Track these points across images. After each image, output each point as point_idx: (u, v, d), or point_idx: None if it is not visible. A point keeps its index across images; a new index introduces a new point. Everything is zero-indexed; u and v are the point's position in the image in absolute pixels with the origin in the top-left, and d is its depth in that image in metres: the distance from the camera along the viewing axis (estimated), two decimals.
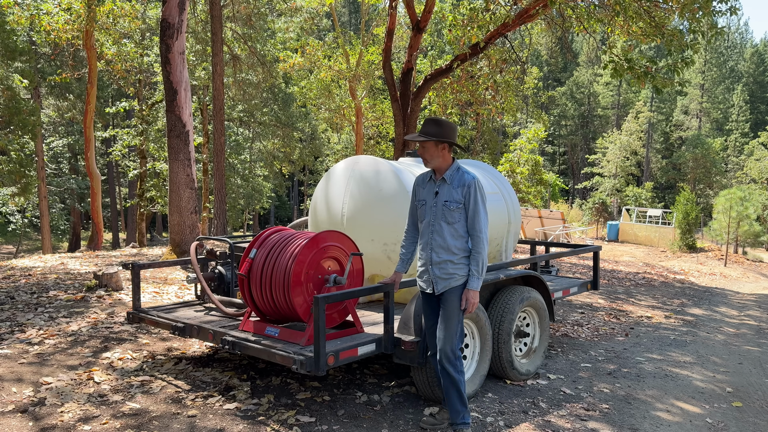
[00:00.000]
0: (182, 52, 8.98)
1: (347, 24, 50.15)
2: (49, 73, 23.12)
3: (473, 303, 3.61)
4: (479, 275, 3.61)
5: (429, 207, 3.71)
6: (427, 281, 3.72)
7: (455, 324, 3.63)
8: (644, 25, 9.12)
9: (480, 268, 3.61)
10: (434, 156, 3.71)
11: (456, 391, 3.64)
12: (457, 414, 3.65)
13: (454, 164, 3.76)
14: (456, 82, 13.36)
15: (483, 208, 3.64)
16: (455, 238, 3.63)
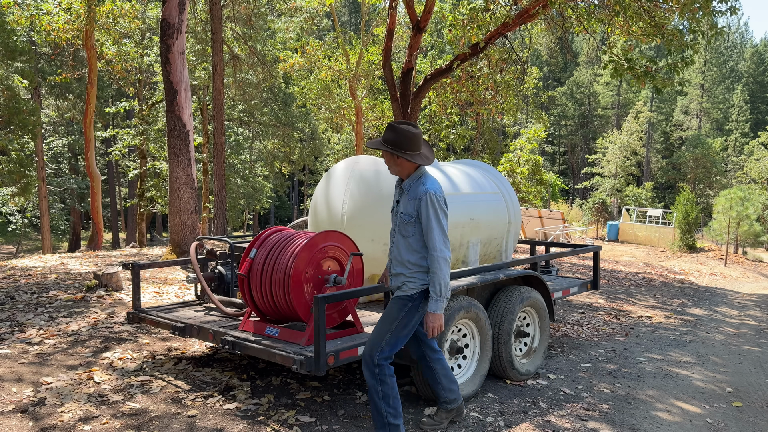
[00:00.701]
0: (182, 52, 8.98)
1: (347, 24, 50.16)
2: (49, 73, 23.13)
3: (432, 327, 3.38)
4: (438, 297, 3.35)
5: (393, 215, 3.59)
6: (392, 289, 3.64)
7: (384, 332, 3.41)
8: (644, 25, 9.12)
9: (438, 290, 3.34)
10: (390, 164, 3.54)
11: (376, 401, 3.39)
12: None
13: (416, 172, 3.51)
14: (456, 82, 13.36)
15: (438, 223, 3.36)
16: (409, 252, 3.44)
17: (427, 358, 3.76)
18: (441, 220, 3.38)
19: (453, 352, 4.31)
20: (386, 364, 3.42)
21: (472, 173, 5.89)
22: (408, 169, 3.52)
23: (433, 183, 3.47)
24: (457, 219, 5.23)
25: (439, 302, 3.36)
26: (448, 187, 5.37)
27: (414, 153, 3.47)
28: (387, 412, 3.39)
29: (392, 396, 3.40)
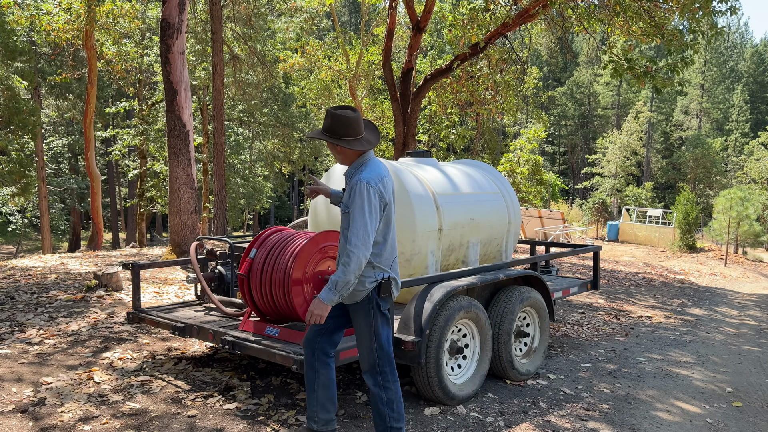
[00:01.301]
0: (182, 52, 8.98)
1: (347, 24, 50.16)
2: (49, 73, 23.13)
3: (313, 314, 3.14)
4: (332, 288, 3.09)
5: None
6: None
7: (367, 339, 3.26)
8: (644, 25, 9.12)
9: (335, 284, 3.09)
10: (333, 153, 3.32)
11: (380, 407, 3.30)
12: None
13: (359, 160, 3.27)
14: (456, 82, 13.36)
15: (361, 216, 3.08)
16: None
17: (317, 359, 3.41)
18: (366, 213, 3.09)
19: (453, 352, 4.31)
20: (389, 369, 3.30)
21: (472, 173, 5.89)
22: (350, 156, 3.29)
23: (371, 171, 3.19)
24: (457, 219, 5.23)
25: (330, 294, 3.11)
26: (448, 187, 5.38)
27: (352, 138, 3.24)
28: (390, 416, 3.31)
29: (396, 401, 3.31)
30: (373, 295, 3.24)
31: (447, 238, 5.14)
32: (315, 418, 3.40)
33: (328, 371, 3.40)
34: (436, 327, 4.07)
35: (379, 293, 3.24)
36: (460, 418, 4.03)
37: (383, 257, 3.26)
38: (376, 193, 3.14)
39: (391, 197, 3.27)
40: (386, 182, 3.24)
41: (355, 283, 3.15)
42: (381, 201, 3.18)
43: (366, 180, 3.13)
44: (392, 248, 3.31)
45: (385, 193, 3.21)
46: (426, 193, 5.03)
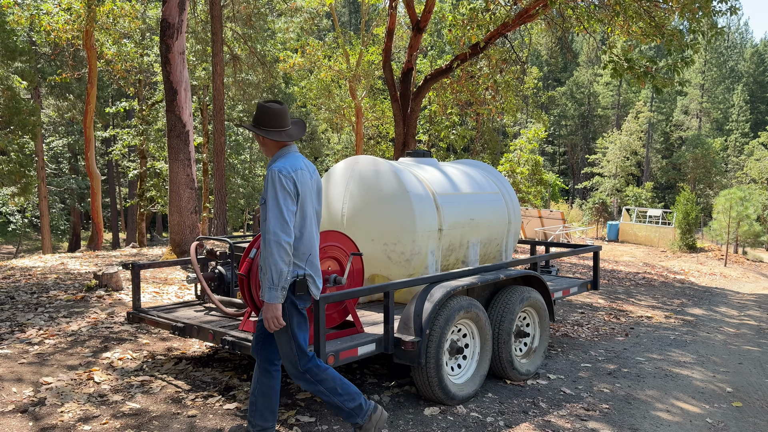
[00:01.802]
0: (182, 52, 8.98)
1: (347, 24, 50.16)
2: (49, 73, 23.13)
3: (266, 319, 3.09)
4: (270, 285, 3.05)
5: None
6: None
7: (285, 340, 3.22)
8: (644, 25, 9.12)
9: (269, 277, 3.04)
10: (260, 145, 3.39)
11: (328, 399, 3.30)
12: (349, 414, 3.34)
13: (279, 152, 3.28)
14: (456, 82, 13.36)
15: (275, 203, 3.07)
16: None
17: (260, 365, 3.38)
18: (279, 199, 3.08)
19: (453, 352, 4.31)
20: (312, 365, 3.26)
21: (472, 173, 5.90)
22: (271, 148, 3.32)
23: (286, 162, 3.19)
24: (457, 219, 5.23)
25: (272, 291, 3.05)
26: (448, 187, 5.38)
27: (272, 129, 3.28)
28: (342, 401, 3.29)
29: (338, 386, 3.28)
30: (288, 293, 3.17)
31: (447, 238, 5.14)
32: (253, 423, 3.37)
33: (270, 380, 3.35)
34: (436, 327, 4.07)
35: (294, 291, 3.18)
36: (460, 418, 4.03)
37: (299, 251, 3.20)
38: (289, 180, 3.13)
39: (308, 192, 3.23)
40: (302, 174, 3.21)
41: (289, 270, 3.10)
42: (295, 188, 3.15)
43: (277, 168, 3.14)
44: (310, 244, 3.25)
45: (299, 184, 3.17)
46: (426, 193, 5.03)
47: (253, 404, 3.37)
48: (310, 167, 3.36)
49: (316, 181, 3.36)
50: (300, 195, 3.18)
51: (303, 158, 3.34)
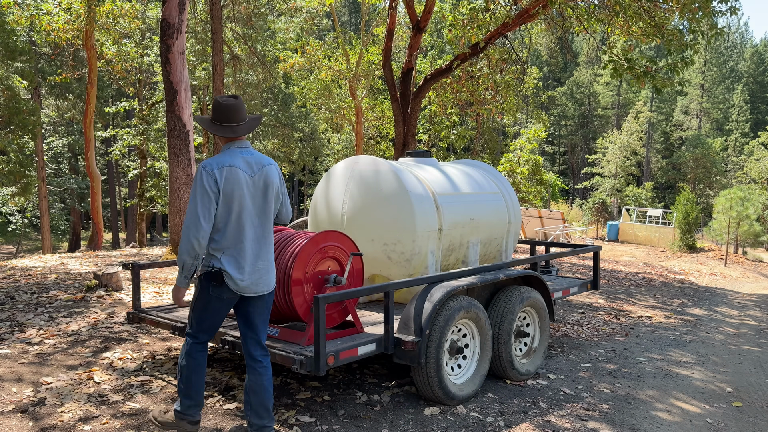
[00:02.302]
0: (182, 52, 8.98)
1: (347, 24, 50.16)
2: (49, 73, 23.13)
3: (172, 298, 3.44)
4: (179, 272, 3.31)
5: None
6: None
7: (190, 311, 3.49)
8: (644, 25, 9.12)
9: (179, 264, 3.28)
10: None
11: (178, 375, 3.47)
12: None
13: (224, 147, 3.44)
14: (456, 82, 13.37)
15: (193, 198, 3.23)
16: None
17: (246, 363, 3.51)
18: (196, 196, 3.22)
19: (453, 352, 4.31)
20: (191, 343, 3.42)
21: (472, 173, 5.90)
22: (221, 142, 3.47)
23: (217, 157, 3.31)
24: (457, 219, 5.23)
25: (179, 276, 3.32)
26: (448, 187, 5.38)
27: (218, 124, 3.39)
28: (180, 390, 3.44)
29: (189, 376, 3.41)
30: (205, 278, 3.34)
31: (447, 238, 5.14)
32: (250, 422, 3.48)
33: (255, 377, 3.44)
34: (436, 327, 4.07)
35: (210, 279, 3.33)
36: (460, 418, 4.03)
37: (219, 245, 3.30)
38: (209, 177, 3.22)
39: (236, 188, 3.28)
40: (230, 171, 3.26)
41: (194, 263, 3.27)
42: (215, 185, 3.23)
43: (203, 165, 3.26)
44: (233, 239, 3.30)
45: (223, 181, 3.24)
46: (426, 193, 5.03)
47: (247, 403, 3.44)
48: (252, 163, 3.36)
49: (258, 178, 3.37)
50: (223, 192, 3.25)
51: (246, 154, 3.38)
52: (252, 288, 3.37)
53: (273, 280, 3.48)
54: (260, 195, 3.37)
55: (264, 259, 3.41)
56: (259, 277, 3.39)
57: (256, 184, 3.35)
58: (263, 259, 3.40)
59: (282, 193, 3.54)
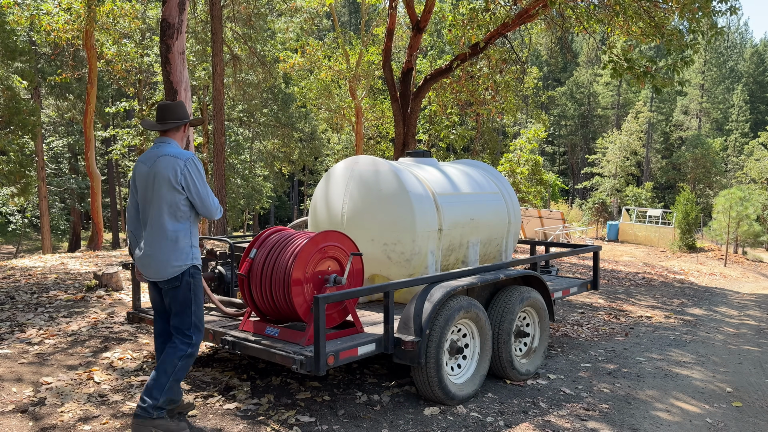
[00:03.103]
0: (182, 52, 8.97)
1: (347, 24, 50.15)
2: (49, 73, 23.12)
3: None
4: None
5: None
6: None
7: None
8: (644, 25, 9.12)
9: None
10: None
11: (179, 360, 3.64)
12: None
13: None
14: (456, 82, 13.37)
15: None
16: None
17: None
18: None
19: (453, 352, 4.31)
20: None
21: (472, 173, 5.90)
22: None
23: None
24: (457, 219, 5.23)
25: None
26: (448, 187, 5.38)
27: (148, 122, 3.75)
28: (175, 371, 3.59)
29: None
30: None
31: (447, 238, 5.15)
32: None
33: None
34: (436, 327, 4.08)
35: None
36: (460, 418, 4.03)
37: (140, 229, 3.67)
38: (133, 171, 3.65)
39: (136, 178, 3.60)
40: (136, 166, 3.63)
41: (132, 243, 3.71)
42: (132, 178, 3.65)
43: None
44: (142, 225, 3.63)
45: (133, 173, 3.65)
46: (426, 193, 5.03)
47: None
48: (150, 156, 3.58)
49: (150, 170, 3.54)
50: (131, 183, 3.66)
51: (155, 147, 3.62)
52: (143, 271, 3.63)
53: (163, 271, 3.52)
54: (150, 187, 3.52)
55: (150, 246, 3.54)
56: (147, 264, 3.57)
57: (148, 175, 3.54)
58: (150, 247, 3.54)
59: (186, 187, 3.52)
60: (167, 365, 3.49)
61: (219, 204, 3.69)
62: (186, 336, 3.57)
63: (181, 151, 3.59)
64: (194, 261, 3.60)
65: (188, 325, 3.58)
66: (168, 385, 3.46)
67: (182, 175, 3.49)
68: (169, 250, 3.51)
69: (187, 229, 3.57)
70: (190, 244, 3.58)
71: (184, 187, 3.50)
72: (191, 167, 3.53)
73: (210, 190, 3.62)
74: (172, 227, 3.51)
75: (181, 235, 3.53)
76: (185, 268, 3.54)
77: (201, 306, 3.65)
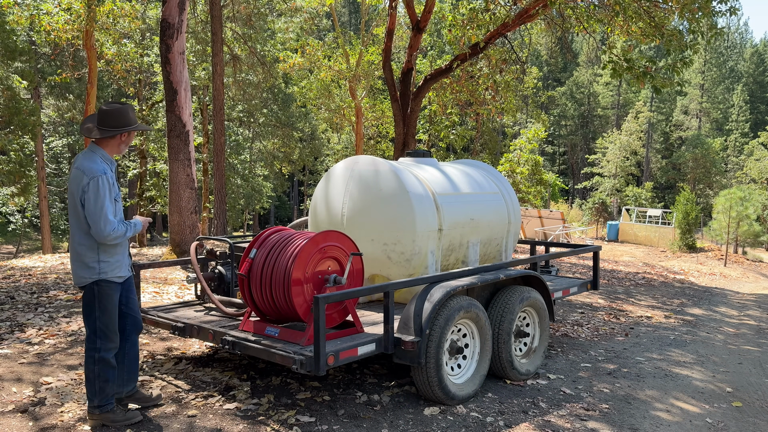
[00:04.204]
0: (182, 52, 8.98)
1: (347, 24, 50.15)
2: (49, 73, 23.11)
3: None
4: None
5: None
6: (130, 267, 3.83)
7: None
8: (644, 25, 9.12)
9: None
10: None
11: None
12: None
13: None
14: (456, 82, 13.37)
15: None
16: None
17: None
18: None
19: (453, 352, 4.31)
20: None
21: (472, 173, 5.90)
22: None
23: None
24: (457, 219, 5.23)
25: None
26: (448, 187, 5.38)
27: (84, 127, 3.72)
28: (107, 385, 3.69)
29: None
30: None
31: (447, 238, 5.15)
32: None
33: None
34: (436, 327, 4.08)
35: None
36: (460, 418, 4.03)
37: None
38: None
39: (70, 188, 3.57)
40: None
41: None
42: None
43: None
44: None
45: None
46: (426, 193, 5.03)
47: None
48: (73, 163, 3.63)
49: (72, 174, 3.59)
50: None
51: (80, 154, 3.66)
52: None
53: (80, 277, 3.57)
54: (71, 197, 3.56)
55: (72, 253, 3.61)
56: (73, 269, 3.64)
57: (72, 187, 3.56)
58: (71, 253, 3.61)
59: (84, 201, 3.47)
60: (87, 372, 3.65)
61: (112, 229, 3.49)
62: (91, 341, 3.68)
63: (91, 167, 3.49)
64: (100, 275, 3.56)
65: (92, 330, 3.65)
66: (98, 387, 3.60)
67: (84, 189, 3.46)
68: (77, 261, 3.58)
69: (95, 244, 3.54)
70: (97, 259, 3.55)
71: (84, 202, 3.48)
72: (93, 186, 3.46)
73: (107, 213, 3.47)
74: (79, 239, 3.56)
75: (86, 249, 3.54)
76: (91, 281, 3.57)
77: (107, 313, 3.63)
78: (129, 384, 3.88)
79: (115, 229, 3.49)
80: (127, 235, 3.59)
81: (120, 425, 3.62)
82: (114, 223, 3.50)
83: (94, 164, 3.51)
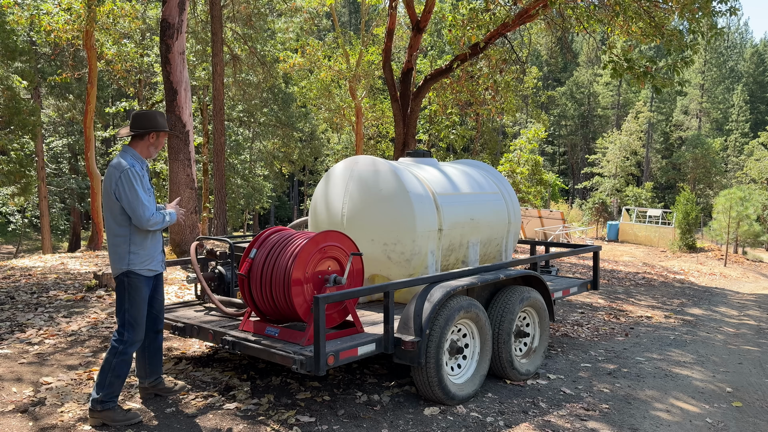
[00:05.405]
0: (182, 52, 8.98)
1: (347, 24, 50.15)
2: (49, 73, 23.11)
3: None
4: None
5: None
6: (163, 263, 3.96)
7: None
8: (644, 25, 9.12)
9: None
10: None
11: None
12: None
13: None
14: (456, 82, 13.37)
15: None
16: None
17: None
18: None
19: (453, 352, 4.31)
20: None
21: (472, 173, 5.90)
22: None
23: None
24: (457, 219, 5.23)
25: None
26: (448, 187, 5.38)
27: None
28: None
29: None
30: None
31: (447, 238, 5.15)
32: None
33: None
34: (436, 327, 4.08)
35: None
36: (460, 418, 4.03)
37: None
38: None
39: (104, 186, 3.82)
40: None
41: None
42: None
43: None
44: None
45: None
46: (426, 193, 5.03)
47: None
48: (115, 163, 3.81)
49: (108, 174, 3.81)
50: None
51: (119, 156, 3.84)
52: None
53: (114, 269, 3.78)
54: (105, 194, 3.77)
55: (108, 248, 3.81)
56: (110, 264, 3.85)
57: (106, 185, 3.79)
58: (108, 250, 3.81)
59: (119, 196, 3.69)
60: (104, 362, 3.74)
61: (150, 214, 3.71)
62: (119, 333, 3.79)
63: (120, 163, 3.73)
64: (130, 266, 3.74)
65: (122, 323, 3.77)
66: (108, 381, 3.67)
67: (118, 185, 3.68)
68: (113, 254, 3.78)
69: (127, 235, 3.74)
70: (128, 250, 3.74)
71: (119, 197, 3.69)
72: (125, 178, 3.67)
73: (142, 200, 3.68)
74: (114, 231, 3.76)
75: (120, 241, 3.74)
76: (121, 272, 3.76)
77: (136, 306, 3.79)
78: (152, 375, 4.09)
79: (154, 215, 3.72)
80: (165, 221, 3.80)
81: (120, 425, 3.62)
82: (151, 208, 3.72)
83: (123, 160, 3.75)
